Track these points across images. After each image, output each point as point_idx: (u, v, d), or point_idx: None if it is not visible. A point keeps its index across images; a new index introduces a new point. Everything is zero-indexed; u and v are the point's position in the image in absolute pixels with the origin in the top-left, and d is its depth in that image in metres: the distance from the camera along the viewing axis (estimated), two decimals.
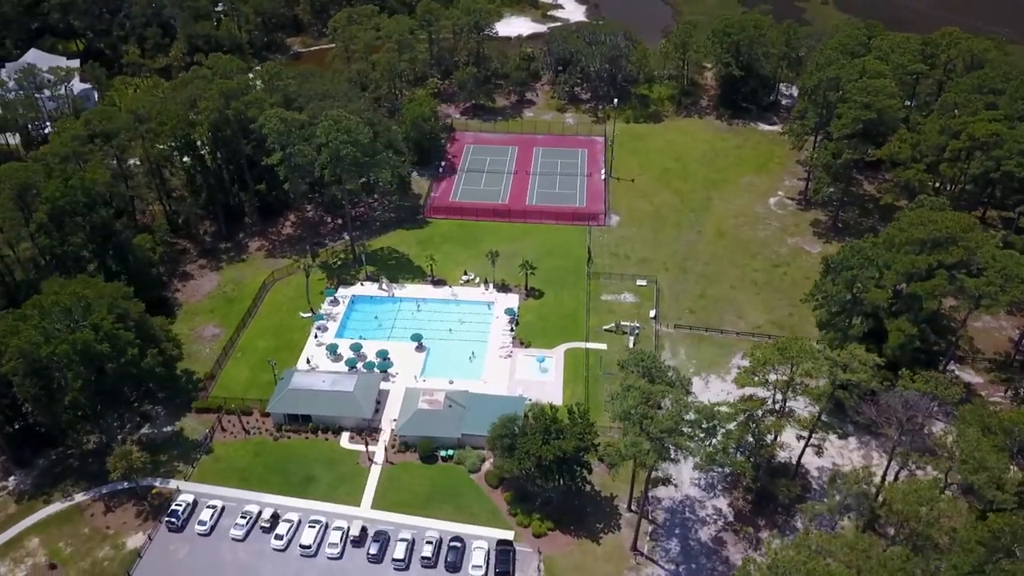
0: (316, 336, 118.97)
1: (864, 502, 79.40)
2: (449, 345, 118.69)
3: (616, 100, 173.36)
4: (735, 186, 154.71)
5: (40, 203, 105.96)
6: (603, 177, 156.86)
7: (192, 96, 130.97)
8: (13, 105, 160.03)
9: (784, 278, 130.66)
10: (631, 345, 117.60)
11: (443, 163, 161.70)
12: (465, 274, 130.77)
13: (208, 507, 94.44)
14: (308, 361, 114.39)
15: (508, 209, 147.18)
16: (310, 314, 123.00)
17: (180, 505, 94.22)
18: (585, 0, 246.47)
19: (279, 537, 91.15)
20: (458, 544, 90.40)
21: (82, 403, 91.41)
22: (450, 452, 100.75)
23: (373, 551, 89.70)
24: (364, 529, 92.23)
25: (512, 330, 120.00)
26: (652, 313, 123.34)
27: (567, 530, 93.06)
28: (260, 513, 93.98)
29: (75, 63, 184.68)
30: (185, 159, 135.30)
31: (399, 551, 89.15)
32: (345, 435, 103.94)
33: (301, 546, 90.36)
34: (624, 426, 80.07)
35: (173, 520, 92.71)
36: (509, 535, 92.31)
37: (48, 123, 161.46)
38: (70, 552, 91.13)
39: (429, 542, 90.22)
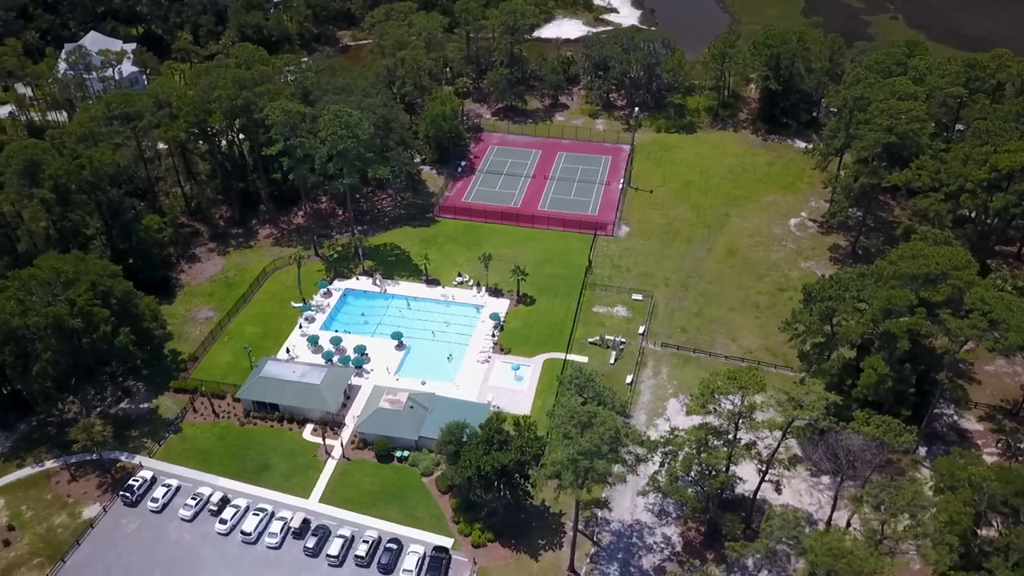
0: (301, 327, 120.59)
1: (797, 547, 75.20)
2: (430, 345, 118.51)
3: (637, 109, 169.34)
4: (756, 204, 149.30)
5: (44, 179, 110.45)
6: (620, 186, 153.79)
7: (211, 83, 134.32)
8: (63, 85, 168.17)
9: (788, 303, 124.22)
10: (612, 361, 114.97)
11: (463, 163, 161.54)
12: (459, 275, 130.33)
13: (163, 485, 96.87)
14: (288, 351, 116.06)
15: (518, 213, 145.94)
16: (301, 304, 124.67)
17: (137, 481, 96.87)
18: (641, 5, 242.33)
19: (223, 522, 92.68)
20: (394, 546, 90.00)
21: (50, 373, 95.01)
22: (405, 454, 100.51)
23: (310, 545, 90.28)
24: (306, 522, 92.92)
25: (494, 335, 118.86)
26: (641, 329, 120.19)
27: (507, 543, 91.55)
28: (210, 496, 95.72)
29: (131, 47, 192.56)
30: (200, 145, 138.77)
31: (334, 547, 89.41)
32: (309, 427, 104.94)
33: (242, 532, 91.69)
34: (551, 444, 78.17)
35: (128, 495, 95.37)
36: (448, 542, 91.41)
37: None
38: (30, 516, 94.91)
39: (366, 541, 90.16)
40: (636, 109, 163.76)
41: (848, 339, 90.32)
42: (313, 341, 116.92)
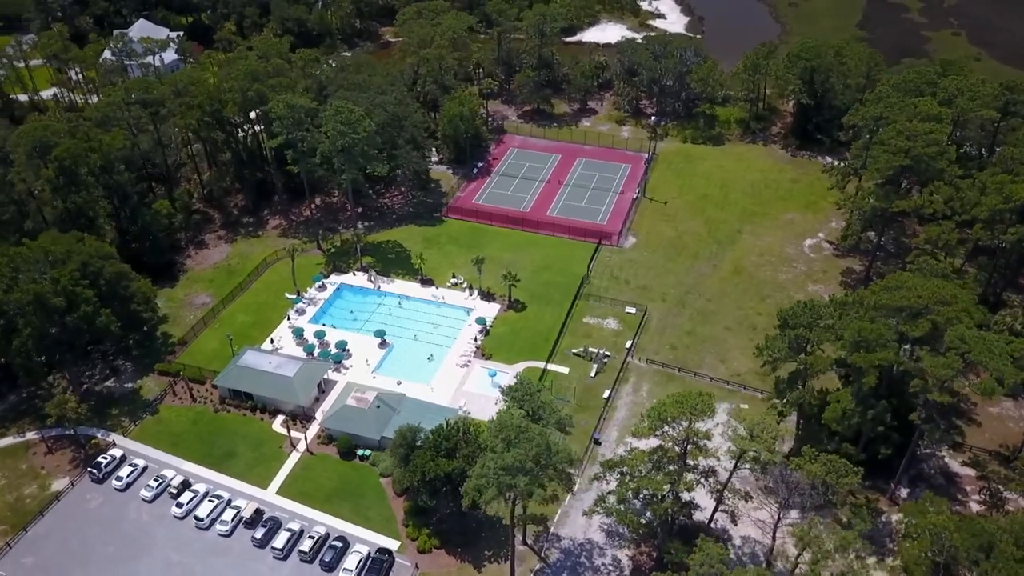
0: (289, 318, 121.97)
1: None
2: (413, 345, 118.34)
3: (655, 117, 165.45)
4: (773, 221, 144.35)
5: (50, 161, 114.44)
6: (635, 196, 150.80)
7: (228, 74, 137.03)
8: (105, 70, 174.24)
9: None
10: (593, 374, 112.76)
11: (480, 164, 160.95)
12: (454, 277, 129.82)
13: (130, 465, 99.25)
14: (272, 341, 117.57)
15: (525, 217, 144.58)
16: (295, 296, 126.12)
17: (106, 459, 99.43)
18: (690, 12, 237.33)
19: (179, 505, 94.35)
20: (339, 544, 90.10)
21: (30, 348, 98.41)
22: (368, 452, 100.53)
23: (258, 535, 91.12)
24: (259, 512, 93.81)
25: (476, 340, 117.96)
26: (628, 343, 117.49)
27: (453, 551, 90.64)
28: (172, 479, 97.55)
29: (177, 35, 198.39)
30: (216, 134, 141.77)
31: (280, 540, 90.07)
32: (280, 418, 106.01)
33: (195, 518, 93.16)
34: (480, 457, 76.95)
35: (95, 471, 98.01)
36: (394, 545, 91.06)
37: None
38: (3, 484, 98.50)
39: (312, 537, 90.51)
40: (654, 117, 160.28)
41: (817, 370, 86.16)
42: (298, 333, 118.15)
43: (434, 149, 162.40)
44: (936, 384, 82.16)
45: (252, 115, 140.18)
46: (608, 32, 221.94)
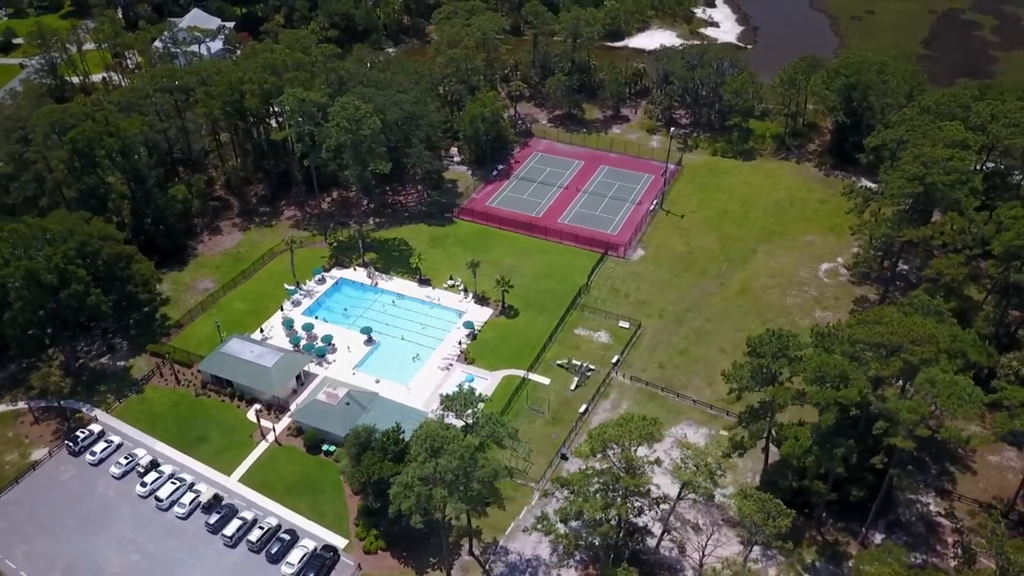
0: (283, 309, 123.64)
1: None
2: (399, 344, 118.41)
3: (674, 128, 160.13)
4: (792, 242, 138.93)
5: (64, 143, 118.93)
6: (651, 207, 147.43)
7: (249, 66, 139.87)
8: (151, 57, 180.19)
9: None
10: (573, 387, 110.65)
11: (501, 166, 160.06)
12: (451, 278, 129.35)
13: (106, 441, 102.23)
14: (262, 331, 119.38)
15: (536, 223, 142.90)
16: (294, 287, 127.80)
17: (84, 433, 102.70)
18: (745, 22, 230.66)
19: (144, 485, 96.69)
20: (287, 537, 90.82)
21: (20, 322, 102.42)
22: (332, 448, 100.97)
23: (212, 521, 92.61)
24: (217, 498, 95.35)
25: (460, 343, 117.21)
26: (615, 358, 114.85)
27: (398, 555, 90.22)
28: (141, 458, 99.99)
29: (229, 26, 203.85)
30: (237, 124, 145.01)
31: (231, 528, 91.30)
32: (256, 406, 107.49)
33: (156, 498, 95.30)
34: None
35: (71, 444, 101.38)
36: (342, 543, 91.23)
37: None
38: None
39: (262, 528, 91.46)
40: (673, 128, 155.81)
41: (779, 403, 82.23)
42: (288, 324, 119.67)
43: (455, 149, 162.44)
44: (904, 428, 77.39)
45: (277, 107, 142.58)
46: (657, 38, 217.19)
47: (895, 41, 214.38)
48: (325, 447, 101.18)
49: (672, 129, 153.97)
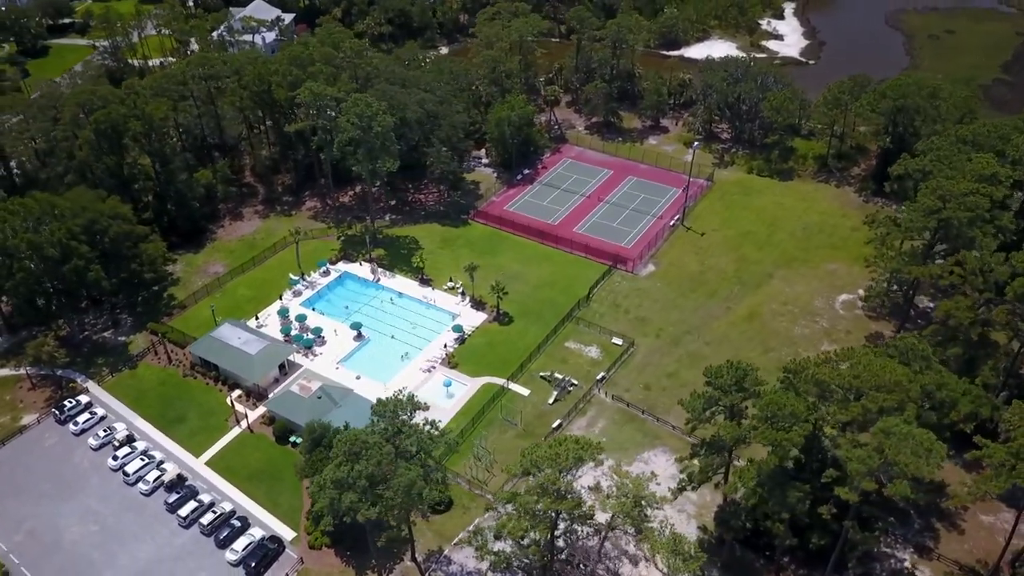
0: (281, 298, 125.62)
1: None
2: (389, 342, 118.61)
3: (697, 143, 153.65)
4: (812, 269, 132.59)
5: (89, 124, 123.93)
6: (672, 223, 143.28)
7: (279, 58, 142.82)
8: (207, 44, 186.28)
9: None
10: (551, 401, 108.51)
11: (526, 170, 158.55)
12: (451, 280, 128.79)
13: (91, 412, 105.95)
14: (257, 318, 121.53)
15: (550, 231, 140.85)
16: (298, 277, 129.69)
17: (72, 403, 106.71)
18: (812, 36, 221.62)
19: (115, 459, 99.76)
20: (238, 524, 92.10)
21: (22, 291, 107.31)
22: (299, 440, 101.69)
23: (171, 500, 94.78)
24: (180, 478, 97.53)
25: (446, 346, 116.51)
26: (600, 375, 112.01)
27: (341, 553, 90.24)
28: (118, 433, 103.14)
29: (288, 17, 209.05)
30: (261, 113, 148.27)
31: (186, 509, 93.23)
32: (236, 392, 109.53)
33: (124, 473, 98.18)
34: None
35: (58, 413, 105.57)
36: (290, 536, 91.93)
37: None
38: None
39: (215, 512, 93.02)
40: (696, 143, 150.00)
41: (727, 439, 78.22)
42: (283, 314, 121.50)
43: (484, 151, 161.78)
44: (855, 478, 72.53)
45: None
46: (715, 49, 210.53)
47: (972, 63, 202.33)
48: (292, 438, 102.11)
49: (695, 143, 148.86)
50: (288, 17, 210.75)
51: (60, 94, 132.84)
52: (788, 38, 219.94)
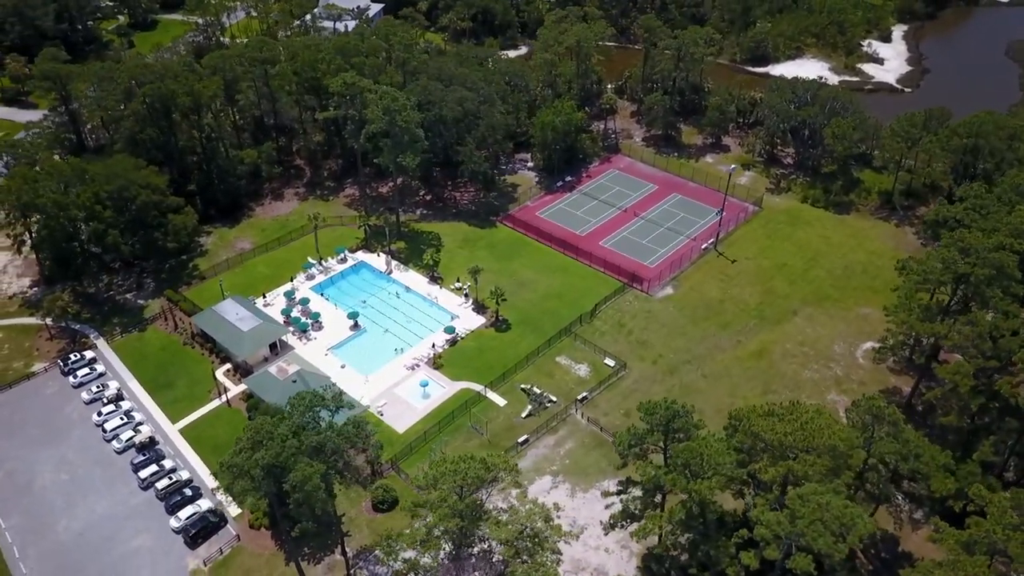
0: (292, 280, 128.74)
1: None
2: (382, 335, 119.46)
3: (735, 166, 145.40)
4: (841, 311, 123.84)
5: (138, 97, 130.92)
6: (705, 246, 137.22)
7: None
8: (295, 30, 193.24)
9: None
10: (524, 414, 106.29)
11: (568, 177, 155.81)
12: (457, 281, 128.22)
13: (91, 368, 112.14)
14: (264, 296, 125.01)
15: (574, 242, 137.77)
16: (315, 261, 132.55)
17: (76, 356, 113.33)
18: (917, 63, 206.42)
19: (100, 415, 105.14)
20: (189, 493, 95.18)
21: (47, 247, 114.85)
22: None
23: (137, 461, 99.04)
24: (152, 440, 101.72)
25: (435, 347, 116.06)
26: (582, 395, 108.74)
27: (278, 536, 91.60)
28: (108, 390, 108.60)
29: (378, 7, 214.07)
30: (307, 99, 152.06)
31: (147, 472, 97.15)
32: (226, 366, 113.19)
33: (103, 429, 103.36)
34: None
35: (63, 364, 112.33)
36: (235, 512, 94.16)
37: None
38: (4, 354, 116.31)
39: (171, 479, 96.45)
40: (733, 166, 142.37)
41: (644, 482, 74.03)
42: (289, 295, 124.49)
43: (530, 154, 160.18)
44: (761, 544, 67.16)
45: None
46: (805, 68, 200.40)
47: None
48: None
49: (732, 166, 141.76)
50: (376, 7, 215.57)
51: (109, 66, 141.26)
52: (889, 63, 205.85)
